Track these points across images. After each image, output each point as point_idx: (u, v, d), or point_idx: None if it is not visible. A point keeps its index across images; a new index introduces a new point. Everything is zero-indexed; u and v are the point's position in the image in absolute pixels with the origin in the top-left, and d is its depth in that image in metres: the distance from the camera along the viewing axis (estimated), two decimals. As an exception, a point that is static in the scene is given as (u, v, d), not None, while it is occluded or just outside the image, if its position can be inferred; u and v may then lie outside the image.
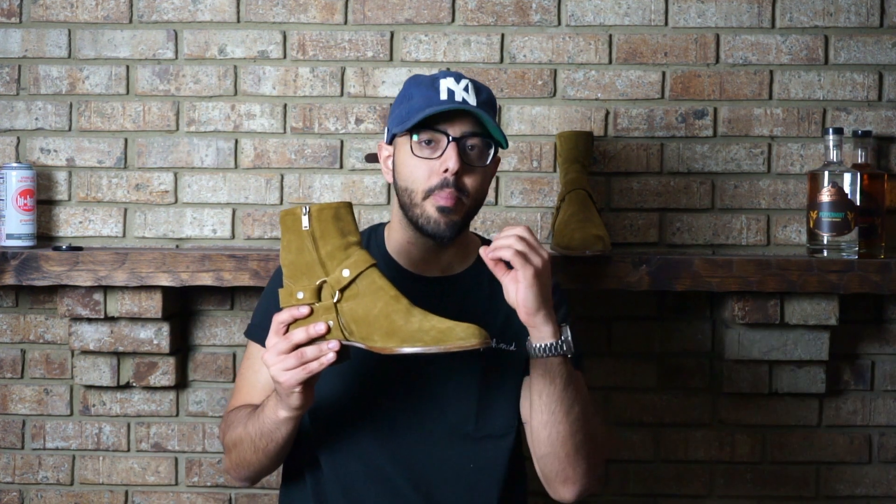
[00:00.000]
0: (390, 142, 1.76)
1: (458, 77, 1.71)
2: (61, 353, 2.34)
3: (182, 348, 2.33)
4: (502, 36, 2.32)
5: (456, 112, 1.68)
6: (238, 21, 2.32)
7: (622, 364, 2.35)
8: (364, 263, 1.54)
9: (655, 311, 2.34)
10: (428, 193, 1.68)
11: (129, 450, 2.34)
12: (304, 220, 1.55)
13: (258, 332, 1.77)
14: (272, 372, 1.54)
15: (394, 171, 1.74)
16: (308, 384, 1.55)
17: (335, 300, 1.53)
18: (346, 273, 1.53)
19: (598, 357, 2.34)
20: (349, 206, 1.57)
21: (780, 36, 2.33)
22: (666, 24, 2.33)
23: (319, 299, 1.54)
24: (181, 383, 2.33)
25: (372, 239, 1.83)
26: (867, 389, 2.35)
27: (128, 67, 2.33)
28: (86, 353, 2.26)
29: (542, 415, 1.66)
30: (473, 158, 1.70)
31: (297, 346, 1.53)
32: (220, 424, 1.80)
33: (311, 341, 1.53)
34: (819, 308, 2.19)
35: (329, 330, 1.53)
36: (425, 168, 1.68)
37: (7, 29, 2.32)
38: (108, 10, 2.32)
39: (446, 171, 1.66)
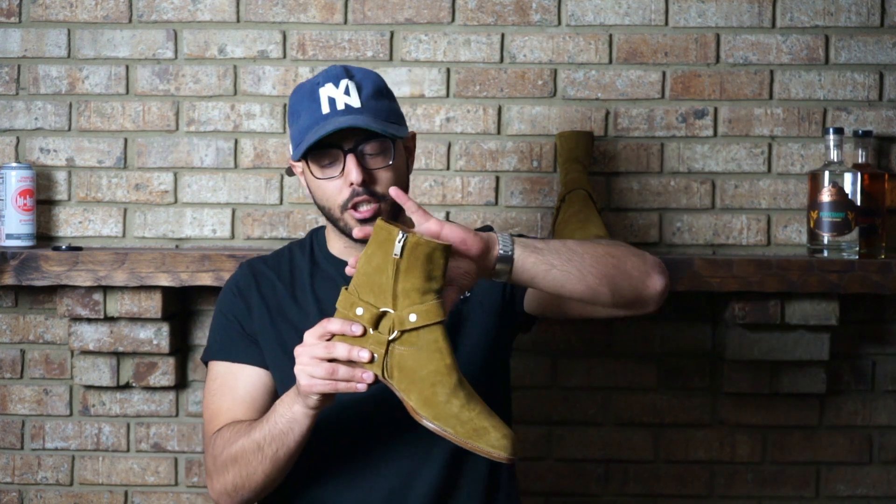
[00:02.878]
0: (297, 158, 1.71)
1: (337, 79, 1.66)
2: (61, 354, 2.34)
3: (182, 348, 2.33)
4: (502, 36, 2.32)
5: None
6: (238, 21, 2.32)
7: (622, 364, 2.34)
8: (435, 317, 1.44)
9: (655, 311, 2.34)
10: (344, 207, 1.66)
11: (128, 450, 2.34)
12: (397, 247, 1.43)
13: (219, 351, 1.74)
14: (297, 369, 1.48)
15: (308, 187, 1.73)
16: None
17: (391, 337, 1.45)
18: (412, 318, 1.43)
19: (598, 357, 2.34)
20: (447, 249, 1.44)
21: (781, 36, 2.32)
22: (666, 23, 2.32)
23: (376, 327, 1.46)
24: (181, 383, 2.33)
25: (314, 242, 1.80)
26: (868, 390, 2.35)
27: (127, 67, 2.33)
28: (85, 353, 2.26)
29: (572, 300, 1.58)
30: (377, 161, 1.66)
31: (334, 360, 1.47)
32: (204, 455, 1.71)
33: (349, 361, 1.46)
34: (819, 308, 2.19)
35: (372, 360, 1.46)
36: (332, 186, 1.66)
37: (6, 29, 2.32)
38: (108, 10, 2.32)
39: (352, 184, 1.64)
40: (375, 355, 1.45)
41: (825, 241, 2.19)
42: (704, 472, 2.35)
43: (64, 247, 2.19)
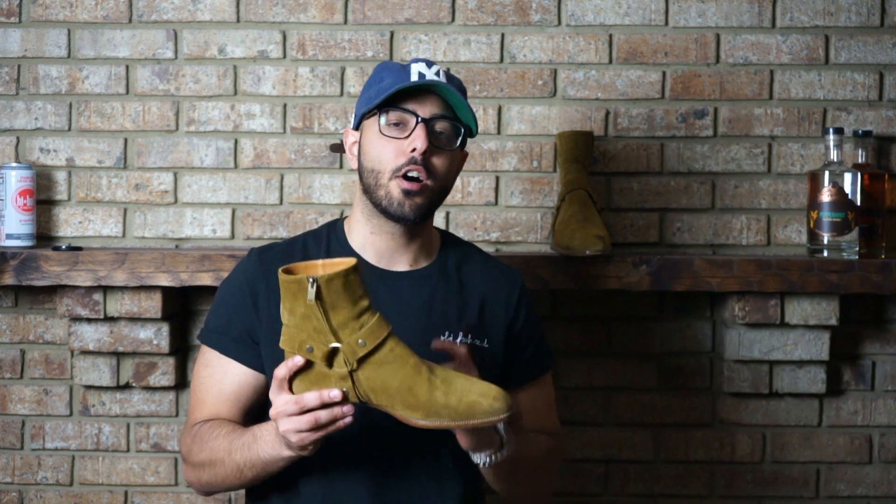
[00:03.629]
0: (357, 126, 1.74)
1: (429, 64, 1.70)
2: (61, 354, 2.34)
3: (182, 348, 2.33)
4: (502, 36, 2.32)
5: (426, 95, 1.67)
6: (238, 21, 2.32)
7: (622, 364, 2.34)
8: (382, 333, 1.45)
9: (655, 311, 2.34)
10: (395, 173, 1.66)
11: (128, 450, 2.34)
12: (311, 293, 1.42)
13: (216, 340, 1.72)
14: (282, 431, 1.49)
15: (360, 155, 1.72)
16: None
17: (351, 369, 1.45)
18: (361, 343, 1.44)
19: (598, 357, 2.34)
20: (357, 267, 1.44)
21: (781, 36, 2.32)
22: (666, 23, 2.32)
23: (330, 364, 1.46)
24: (181, 383, 2.32)
25: (332, 236, 1.78)
26: (868, 389, 2.35)
27: (127, 67, 2.33)
28: (85, 353, 2.26)
29: (495, 485, 1.69)
30: (442, 141, 1.68)
31: (309, 411, 1.46)
32: (181, 436, 1.73)
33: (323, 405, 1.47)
34: (819, 308, 2.19)
35: (345, 397, 1.46)
36: (393, 147, 1.66)
37: (6, 29, 2.32)
38: (108, 10, 2.32)
39: (414, 150, 1.64)
40: (345, 389, 1.46)
41: (825, 241, 2.19)
42: (704, 472, 2.34)
43: (64, 247, 2.19)
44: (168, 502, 2.34)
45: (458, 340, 1.69)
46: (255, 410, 1.70)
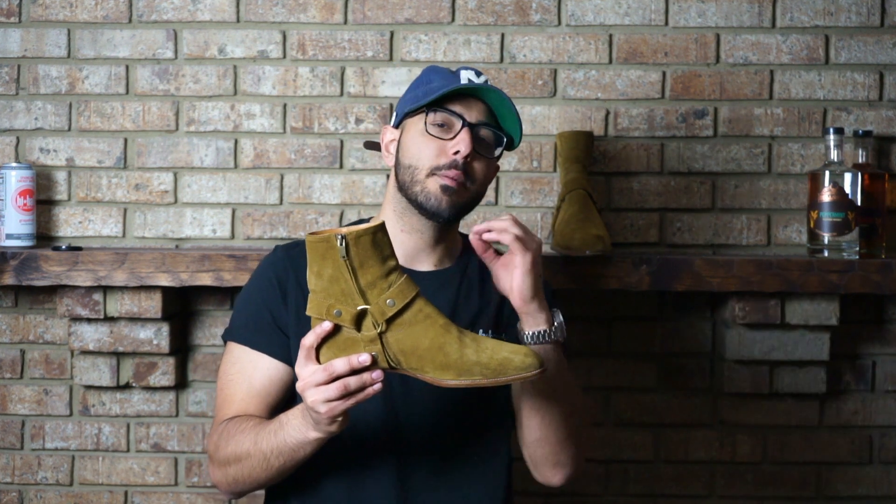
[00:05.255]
0: (398, 125, 1.75)
1: (478, 72, 1.73)
2: (61, 354, 2.34)
3: (182, 348, 2.33)
4: (502, 36, 2.32)
5: (472, 100, 1.69)
6: (238, 21, 2.32)
7: (622, 364, 2.34)
8: (411, 292, 1.46)
9: (655, 311, 2.34)
10: (433, 171, 1.67)
11: (128, 450, 2.34)
12: (342, 250, 1.43)
13: (244, 335, 1.71)
14: (310, 402, 1.47)
15: (397, 153, 1.73)
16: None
17: (380, 331, 1.45)
18: (390, 303, 1.44)
19: (598, 357, 2.34)
20: (384, 227, 1.46)
21: (781, 35, 2.32)
22: (666, 23, 2.32)
23: (358, 328, 1.46)
24: (181, 383, 2.33)
25: None
26: (868, 390, 2.35)
27: (127, 67, 2.33)
28: (85, 353, 2.26)
29: (535, 400, 1.65)
30: (484, 148, 1.70)
31: (338, 377, 1.46)
32: (208, 436, 1.71)
33: (353, 371, 1.46)
34: (820, 308, 2.19)
35: (374, 361, 1.45)
36: (434, 147, 1.67)
37: (6, 29, 2.32)
38: (108, 10, 2.32)
39: (457, 153, 1.65)
40: (374, 353, 1.45)
41: (825, 241, 2.19)
42: (704, 472, 2.34)
43: (64, 247, 2.19)
44: (168, 502, 2.34)
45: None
46: (283, 407, 1.68)
